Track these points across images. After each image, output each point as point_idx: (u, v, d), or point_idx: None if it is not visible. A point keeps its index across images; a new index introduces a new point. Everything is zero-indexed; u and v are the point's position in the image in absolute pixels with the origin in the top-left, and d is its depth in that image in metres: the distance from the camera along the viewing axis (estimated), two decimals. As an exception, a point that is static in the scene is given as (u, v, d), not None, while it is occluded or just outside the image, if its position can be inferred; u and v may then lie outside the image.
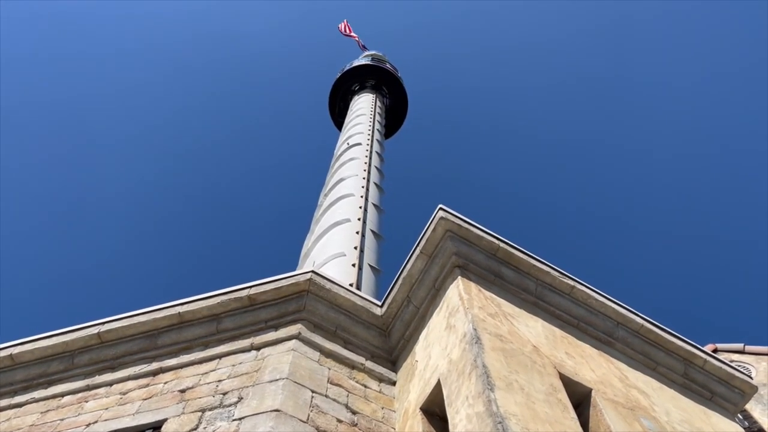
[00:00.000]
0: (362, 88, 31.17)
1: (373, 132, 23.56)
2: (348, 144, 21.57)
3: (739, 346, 12.01)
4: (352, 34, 39.77)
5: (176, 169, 57.81)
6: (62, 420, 5.53)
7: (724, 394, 6.55)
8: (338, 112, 31.95)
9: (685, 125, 54.28)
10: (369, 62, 32.59)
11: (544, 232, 55.75)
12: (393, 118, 31.88)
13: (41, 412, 5.79)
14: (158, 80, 59.44)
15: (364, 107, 27.11)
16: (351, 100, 30.40)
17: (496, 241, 6.09)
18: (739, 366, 10.80)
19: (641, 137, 56.02)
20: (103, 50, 55.87)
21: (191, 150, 59.28)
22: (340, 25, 40.70)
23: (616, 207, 56.15)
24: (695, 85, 54.06)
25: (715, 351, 11.85)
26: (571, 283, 6.22)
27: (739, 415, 6.97)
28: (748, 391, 6.69)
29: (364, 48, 38.80)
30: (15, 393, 6.23)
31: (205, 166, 60.09)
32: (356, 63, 32.84)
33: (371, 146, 21.73)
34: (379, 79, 31.94)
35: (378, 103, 28.61)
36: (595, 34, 60.86)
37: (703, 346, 6.88)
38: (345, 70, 32.52)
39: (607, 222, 55.99)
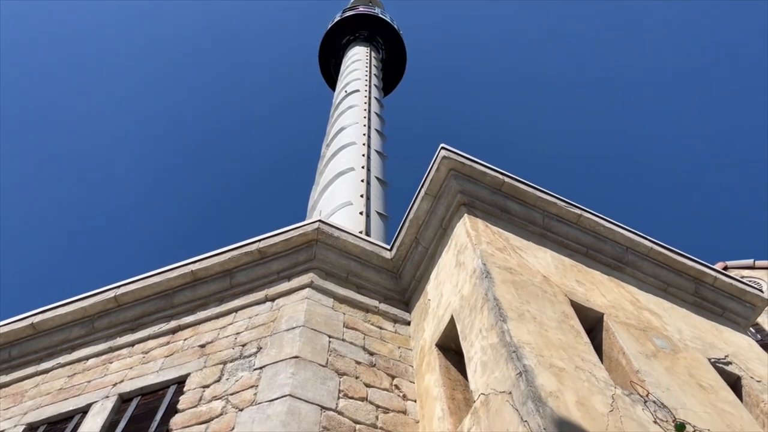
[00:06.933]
0: (354, 40, 28.98)
1: (370, 77, 23.13)
2: (346, 91, 21.26)
3: (749, 262, 12.07)
4: None
5: (177, 130, 57.42)
6: (89, 382, 5.69)
7: (736, 309, 6.62)
8: (334, 68, 29.32)
9: (695, 55, 53.02)
10: (355, 12, 29.74)
11: (549, 167, 55.44)
12: (391, 68, 29.93)
13: (68, 376, 5.96)
14: (154, 57, 58.37)
15: (359, 53, 26.45)
16: (344, 54, 28.47)
17: (501, 176, 6.06)
18: (750, 281, 10.88)
19: (645, 67, 54.88)
20: (77, 30, 54.28)
21: (190, 113, 58.73)
22: None
23: (619, 134, 55.60)
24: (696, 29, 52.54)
25: (725, 268, 11.92)
26: (578, 212, 6.21)
27: (751, 328, 7.06)
28: (759, 304, 6.76)
29: None
30: (40, 360, 6.40)
31: (207, 127, 59.63)
32: (341, 16, 30.06)
33: (369, 92, 21.40)
34: (371, 27, 29.53)
35: (373, 52, 27.58)
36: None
37: (713, 264, 6.92)
38: (330, 26, 29.86)
39: (611, 149, 55.50)
